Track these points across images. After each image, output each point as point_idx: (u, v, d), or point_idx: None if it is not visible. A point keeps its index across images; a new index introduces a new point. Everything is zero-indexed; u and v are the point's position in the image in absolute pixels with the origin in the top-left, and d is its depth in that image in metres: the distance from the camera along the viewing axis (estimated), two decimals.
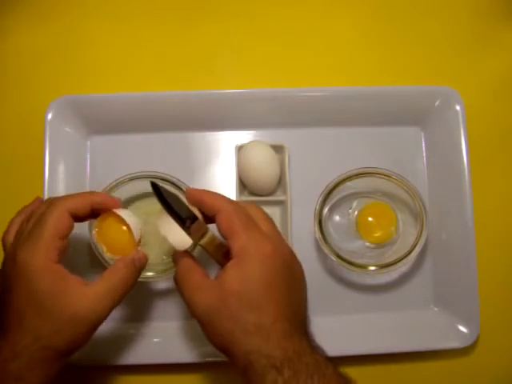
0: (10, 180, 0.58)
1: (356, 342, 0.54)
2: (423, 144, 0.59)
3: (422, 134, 0.59)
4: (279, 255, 0.42)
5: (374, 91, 0.58)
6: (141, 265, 0.45)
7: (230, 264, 0.41)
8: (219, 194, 0.46)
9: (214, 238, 0.43)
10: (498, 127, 0.60)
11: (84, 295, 0.41)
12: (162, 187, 0.43)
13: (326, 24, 0.62)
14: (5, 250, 0.45)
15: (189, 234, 0.43)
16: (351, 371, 0.55)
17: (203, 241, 0.43)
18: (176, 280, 0.44)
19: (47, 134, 0.55)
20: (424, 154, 0.59)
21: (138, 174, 0.51)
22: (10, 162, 0.58)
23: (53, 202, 0.44)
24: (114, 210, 0.45)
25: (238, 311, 0.40)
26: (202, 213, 0.45)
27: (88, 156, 0.58)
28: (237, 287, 0.40)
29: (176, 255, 0.45)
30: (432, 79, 0.60)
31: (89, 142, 0.58)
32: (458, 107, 0.56)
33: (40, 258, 0.41)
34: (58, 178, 0.55)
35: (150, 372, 0.54)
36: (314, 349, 0.41)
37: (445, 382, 0.57)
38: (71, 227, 0.43)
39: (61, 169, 0.55)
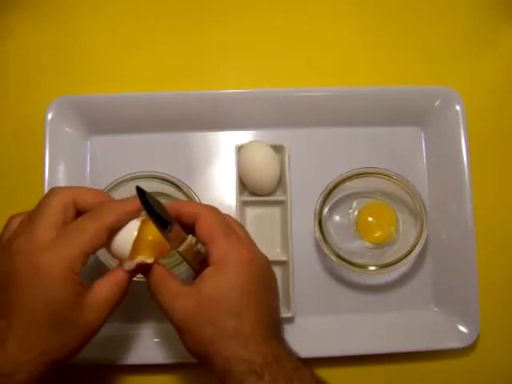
0: (10, 180, 0.58)
1: (356, 341, 0.54)
2: (423, 144, 0.59)
3: (422, 134, 0.59)
4: (257, 263, 0.43)
5: (373, 91, 0.58)
6: (135, 274, 0.44)
7: (209, 270, 0.41)
8: (198, 202, 0.48)
9: (192, 245, 0.43)
10: (497, 127, 0.60)
11: (89, 305, 0.40)
12: (146, 192, 0.42)
13: (326, 24, 0.62)
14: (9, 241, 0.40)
15: (168, 240, 0.42)
16: (351, 371, 0.55)
17: (182, 247, 0.43)
18: (151, 289, 0.43)
19: (47, 134, 0.55)
20: (424, 154, 0.59)
21: (138, 174, 0.51)
22: (10, 162, 0.58)
23: (94, 215, 0.41)
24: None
25: (217, 317, 0.40)
26: (181, 224, 0.44)
27: (88, 156, 0.58)
28: (216, 293, 0.40)
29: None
30: (432, 79, 0.60)
31: (89, 142, 0.58)
32: (457, 107, 0.56)
33: (66, 269, 0.38)
34: (58, 178, 0.55)
35: (149, 372, 0.54)
36: (292, 355, 0.41)
37: (445, 382, 0.57)
38: (104, 243, 0.41)
39: (61, 169, 0.55)
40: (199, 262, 0.43)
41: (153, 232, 0.43)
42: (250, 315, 0.40)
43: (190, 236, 0.43)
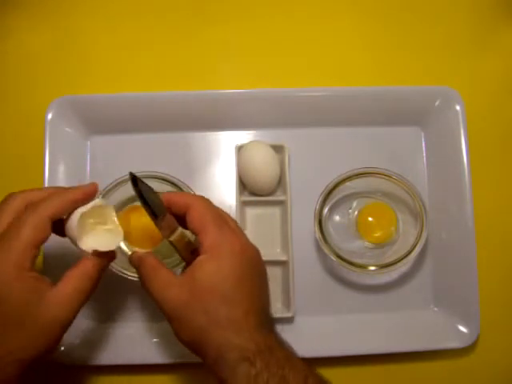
0: (10, 180, 0.58)
1: (356, 341, 0.54)
2: (423, 144, 0.59)
3: (422, 134, 0.59)
4: (249, 253, 0.43)
5: (373, 91, 0.58)
6: (107, 263, 0.44)
7: (201, 259, 0.42)
8: (189, 193, 0.48)
9: (184, 235, 0.43)
10: (497, 127, 0.60)
11: (54, 299, 0.40)
12: (140, 179, 0.43)
13: (326, 24, 0.62)
14: None
15: (160, 228, 0.43)
16: (351, 371, 0.55)
17: (173, 237, 0.43)
18: (142, 279, 0.43)
19: (47, 134, 0.55)
20: (424, 154, 0.59)
21: (138, 174, 0.51)
22: (10, 162, 0.58)
23: (33, 207, 0.41)
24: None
25: (210, 305, 0.40)
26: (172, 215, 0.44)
27: (88, 156, 0.58)
28: (209, 281, 0.41)
29: (137, 255, 0.44)
30: (432, 79, 0.60)
31: (89, 142, 0.58)
32: (457, 107, 0.56)
33: (13, 267, 0.38)
34: (58, 178, 0.55)
35: (149, 372, 0.54)
36: (283, 344, 0.42)
37: (445, 382, 0.57)
38: (49, 234, 0.41)
39: (61, 169, 0.56)
40: (190, 252, 0.44)
41: (138, 221, 0.44)
42: (243, 304, 0.41)
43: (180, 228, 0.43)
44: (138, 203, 0.43)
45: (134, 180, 0.42)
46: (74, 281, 0.41)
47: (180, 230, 0.43)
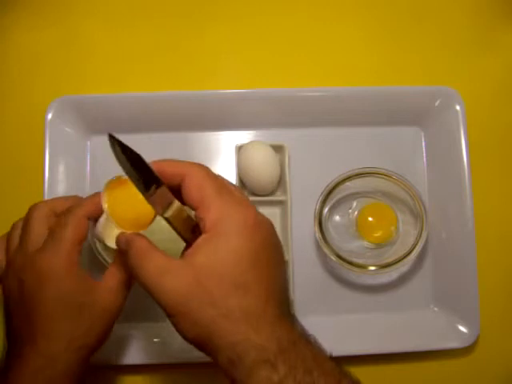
0: (10, 180, 0.58)
1: (356, 342, 0.54)
2: (423, 144, 0.59)
3: (422, 134, 0.59)
4: (262, 225, 0.37)
5: (373, 91, 0.58)
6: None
7: (203, 238, 0.35)
8: (183, 160, 0.40)
9: (181, 209, 0.36)
10: (497, 127, 0.60)
11: (105, 290, 0.42)
12: (123, 143, 0.36)
13: (326, 24, 0.62)
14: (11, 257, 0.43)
15: (152, 203, 0.36)
16: (351, 371, 0.55)
17: (169, 212, 0.36)
18: (132, 266, 0.37)
19: (47, 134, 0.55)
20: (424, 154, 0.59)
21: None
22: (10, 162, 0.58)
23: (69, 209, 0.43)
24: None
25: (219, 294, 0.34)
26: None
27: (88, 156, 0.58)
28: (216, 265, 0.34)
29: (124, 238, 0.39)
30: (432, 79, 0.60)
31: (89, 142, 0.58)
32: (458, 107, 0.56)
33: (64, 261, 0.40)
34: (58, 178, 0.55)
35: (150, 372, 0.54)
36: (308, 337, 0.37)
37: (445, 382, 0.57)
38: (88, 231, 0.43)
39: (61, 169, 0.56)
40: (190, 230, 0.37)
41: (124, 197, 0.40)
42: (260, 290, 0.35)
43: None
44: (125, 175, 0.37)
45: (114, 144, 0.36)
46: (117, 274, 0.43)
47: (177, 203, 0.37)
